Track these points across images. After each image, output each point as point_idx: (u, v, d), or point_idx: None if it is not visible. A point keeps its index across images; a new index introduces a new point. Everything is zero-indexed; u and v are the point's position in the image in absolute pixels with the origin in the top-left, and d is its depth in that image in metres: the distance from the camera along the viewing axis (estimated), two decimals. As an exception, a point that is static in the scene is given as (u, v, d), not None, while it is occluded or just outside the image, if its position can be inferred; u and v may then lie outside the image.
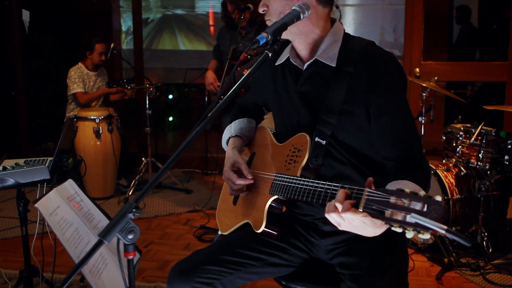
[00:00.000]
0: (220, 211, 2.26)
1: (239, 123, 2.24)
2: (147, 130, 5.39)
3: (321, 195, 1.62)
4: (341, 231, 1.87)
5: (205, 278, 1.90)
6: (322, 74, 1.86)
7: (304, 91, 1.91)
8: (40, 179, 2.54)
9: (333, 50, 1.85)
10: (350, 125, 1.82)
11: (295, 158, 1.86)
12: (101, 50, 5.54)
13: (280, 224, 1.93)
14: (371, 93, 1.76)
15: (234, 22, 4.38)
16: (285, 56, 1.98)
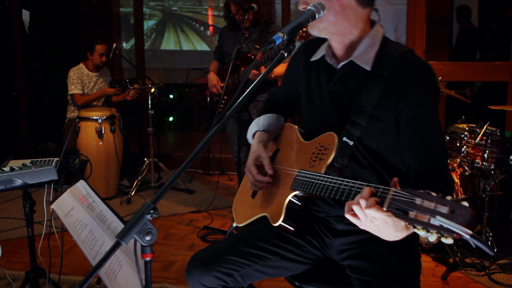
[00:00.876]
0: (237, 202, 2.26)
1: (268, 118, 2.21)
2: (149, 130, 5.37)
3: (345, 192, 1.61)
4: (354, 231, 1.88)
5: (226, 269, 1.90)
6: (356, 76, 1.85)
7: (335, 90, 1.90)
8: (48, 179, 2.52)
9: (369, 54, 1.83)
10: (378, 131, 1.81)
11: (321, 155, 1.86)
12: (101, 51, 5.52)
13: (297, 221, 1.92)
14: (403, 102, 1.75)
15: (237, 23, 4.36)
16: (321, 54, 1.97)
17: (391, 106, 1.77)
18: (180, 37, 9.38)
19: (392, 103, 1.76)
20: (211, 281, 1.91)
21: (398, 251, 1.86)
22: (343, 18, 1.80)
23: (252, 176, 2.02)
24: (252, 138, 2.21)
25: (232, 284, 1.92)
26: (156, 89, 5.29)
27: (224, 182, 5.87)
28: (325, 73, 1.95)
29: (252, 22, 4.29)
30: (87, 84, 5.55)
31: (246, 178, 2.27)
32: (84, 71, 5.56)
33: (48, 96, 7.29)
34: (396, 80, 1.76)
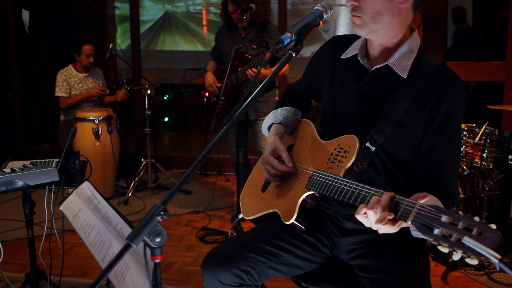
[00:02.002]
0: (246, 195, 2.23)
1: (285, 111, 2.19)
2: (146, 131, 5.36)
3: (366, 200, 1.60)
4: (362, 230, 1.88)
5: (244, 266, 1.89)
6: (389, 81, 1.84)
7: (364, 90, 1.89)
8: (49, 181, 2.51)
9: (407, 61, 1.83)
10: (402, 138, 1.81)
11: (340, 158, 1.84)
12: (88, 52, 5.50)
13: (309, 220, 1.91)
14: (434, 112, 1.76)
15: (234, 22, 4.35)
16: (353, 52, 1.95)
17: (422, 116, 1.77)
18: (175, 37, 9.36)
19: (424, 113, 1.77)
20: (229, 278, 1.89)
21: (407, 248, 1.86)
22: (397, 22, 1.78)
23: (272, 167, 1.98)
24: (267, 130, 2.19)
25: (248, 282, 1.91)
26: (153, 89, 5.27)
27: (221, 183, 5.86)
28: (355, 73, 1.94)
29: (249, 22, 4.27)
30: (74, 85, 5.53)
31: (256, 171, 2.25)
32: (72, 73, 5.55)
33: (43, 97, 7.25)
34: (430, 92, 1.77)
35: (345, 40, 2.04)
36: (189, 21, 9.34)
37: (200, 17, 9.39)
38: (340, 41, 2.07)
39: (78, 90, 5.54)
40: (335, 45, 2.06)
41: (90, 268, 3.74)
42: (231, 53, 4.24)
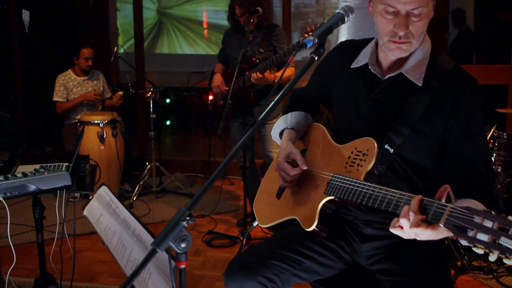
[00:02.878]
0: (260, 202, 2.21)
1: (295, 116, 2.17)
2: (151, 134, 5.34)
3: (392, 204, 1.59)
4: (382, 236, 1.87)
5: (269, 273, 1.88)
6: (403, 88, 1.82)
7: (378, 99, 1.87)
8: (61, 185, 2.49)
9: (420, 67, 1.81)
10: (417, 144, 1.80)
11: (359, 161, 1.83)
12: (87, 55, 5.51)
13: (329, 226, 1.90)
14: (453, 118, 1.75)
15: (241, 26, 4.34)
16: (363, 61, 1.93)
17: (438, 122, 1.76)
18: (176, 41, 9.36)
19: (440, 119, 1.76)
20: (254, 286, 1.88)
21: (428, 251, 1.85)
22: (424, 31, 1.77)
23: (286, 173, 1.97)
24: (279, 136, 2.18)
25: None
26: (158, 92, 5.26)
27: (226, 187, 5.84)
28: (367, 82, 1.91)
29: (256, 26, 4.27)
30: (73, 89, 5.53)
31: (269, 177, 2.23)
32: (71, 77, 5.55)
33: (45, 100, 7.23)
34: (447, 96, 1.75)
35: (354, 47, 2.01)
36: (190, 24, 9.34)
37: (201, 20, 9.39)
38: (349, 47, 2.05)
39: (77, 94, 5.54)
40: (344, 51, 2.05)
41: (98, 272, 3.73)
42: (237, 56, 4.23)
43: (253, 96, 4.29)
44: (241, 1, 4.17)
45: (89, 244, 4.21)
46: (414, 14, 1.69)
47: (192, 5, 9.28)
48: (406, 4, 1.67)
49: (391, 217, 1.75)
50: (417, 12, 1.68)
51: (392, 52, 1.78)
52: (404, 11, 1.68)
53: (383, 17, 1.72)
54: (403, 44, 1.74)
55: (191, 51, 9.34)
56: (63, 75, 5.56)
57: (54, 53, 7.61)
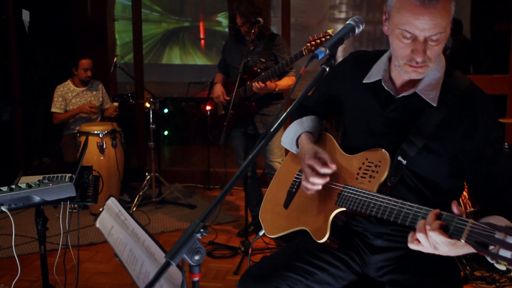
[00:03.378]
0: (266, 211, 2.19)
1: (312, 121, 2.14)
2: (150, 145, 5.33)
3: (409, 217, 1.58)
4: (392, 247, 1.86)
5: (283, 285, 1.86)
6: (417, 106, 1.80)
7: (391, 117, 1.85)
8: (66, 196, 2.47)
9: (436, 86, 1.78)
10: (429, 161, 1.78)
11: (371, 173, 1.81)
12: (85, 66, 5.51)
13: (340, 237, 1.89)
14: (470, 139, 1.73)
15: (242, 35, 4.36)
16: (376, 77, 1.89)
17: (453, 141, 1.75)
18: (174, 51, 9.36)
19: (456, 138, 1.74)
20: None
21: (438, 262, 1.84)
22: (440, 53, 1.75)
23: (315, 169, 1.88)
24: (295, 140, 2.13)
25: None
26: (157, 103, 5.25)
27: (226, 197, 5.81)
28: (379, 99, 1.89)
29: (257, 35, 4.28)
30: (72, 100, 5.52)
31: (274, 186, 2.21)
32: (70, 88, 5.55)
33: (43, 111, 7.21)
34: (462, 116, 1.74)
35: (367, 60, 1.98)
36: (187, 34, 9.35)
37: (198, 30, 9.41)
38: (361, 59, 2.02)
39: (76, 104, 5.53)
40: (356, 63, 2.02)
41: (99, 284, 3.70)
42: (238, 66, 4.24)
43: (255, 105, 4.29)
44: (242, 11, 4.18)
45: (89, 255, 4.19)
46: (432, 39, 1.65)
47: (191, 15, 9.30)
48: (425, 31, 1.63)
49: (402, 229, 1.75)
50: (435, 38, 1.65)
51: (408, 74, 1.75)
52: (422, 38, 1.65)
53: (400, 41, 1.69)
54: (420, 68, 1.71)
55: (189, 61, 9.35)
56: (62, 86, 5.56)
57: (52, 64, 7.60)
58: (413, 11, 1.61)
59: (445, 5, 1.62)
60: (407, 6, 1.63)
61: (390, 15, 1.71)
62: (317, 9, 8.40)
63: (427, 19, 1.61)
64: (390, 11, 1.71)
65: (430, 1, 1.59)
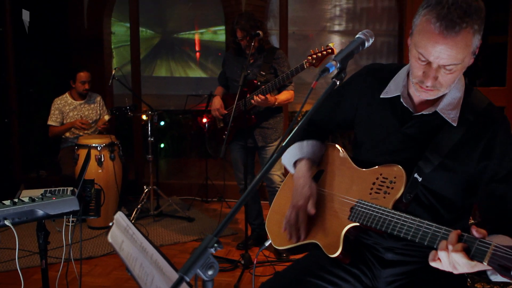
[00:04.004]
0: (274, 223, 2.16)
1: (312, 146, 2.11)
2: (148, 158, 5.31)
3: (427, 236, 1.57)
4: (403, 261, 1.85)
5: None
6: (436, 124, 1.79)
7: (409, 133, 1.84)
8: (70, 210, 2.45)
9: (456, 106, 1.77)
10: (445, 178, 1.78)
11: (386, 189, 1.80)
12: (83, 79, 5.49)
13: (352, 252, 1.88)
14: (486, 159, 1.72)
15: (242, 49, 4.37)
16: (394, 93, 1.88)
17: (471, 160, 1.74)
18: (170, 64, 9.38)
19: (474, 157, 1.74)
20: None
21: (448, 277, 1.82)
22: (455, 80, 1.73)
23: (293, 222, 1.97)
24: (293, 164, 2.13)
25: None
26: (156, 115, 5.25)
27: (224, 210, 5.79)
28: (397, 114, 1.88)
29: (257, 49, 4.29)
30: (69, 113, 5.50)
31: (281, 197, 2.19)
32: (67, 100, 5.54)
33: (39, 123, 7.19)
34: (481, 135, 1.73)
35: (383, 73, 1.97)
36: (182, 47, 9.38)
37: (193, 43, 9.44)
38: (377, 73, 2.00)
39: (73, 118, 5.52)
40: (372, 77, 2.00)
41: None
42: (238, 79, 4.25)
43: (254, 118, 4.29)
44: (242, 25, 4.19)
45: (88, 269, 4.15)
46: (446, 68, 1.64)
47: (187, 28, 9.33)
48: (439, 59, 1.62)
49: (413, 243, 1.74)
50: (449, 68, 1.64)
51: (418, 93, 1.75)
52: (436, 65, 1.64)
53: (416, 61, 1.68)
54: (430, 91, 1.71)
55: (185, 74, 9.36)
56: (60, 99, 5.54)
57: (49, 76, 7.59)
58: (431, 37, 1.60)
59: (465, 38, 1.59)
60: (427, 31, 1.61)
61: (413, 32, 1.70)
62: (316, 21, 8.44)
63: (443, 48, 1.59)
64: (414, 29, 1.69)
65: (449, 32, 1.57)
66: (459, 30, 1.56)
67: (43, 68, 7.43)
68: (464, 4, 1.58)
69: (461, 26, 1.56)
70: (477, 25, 1.60)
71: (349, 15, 8.35)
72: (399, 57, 7.72)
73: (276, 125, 4.41)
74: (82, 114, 5.54)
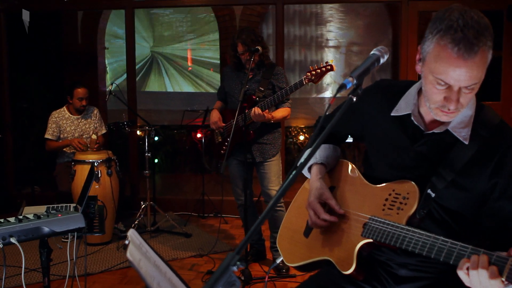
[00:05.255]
0: (285, 239, 2.16)
1: (325, 150, 2.13)
2: (146, 173, 5.29)
3: (443, 252, 1.57)
4: (417, 277, 1.84)
5: None
6: (447, 142, 1.79)
7: (421, 151, 1.84)
8: (76, 227, 2.43)
9: (467, 124, 1.77)
10: (458, 196, 1.77)
11: (399, 205, 1.80)
12: (80, 95, 5.47)
13: (365, 268, 1.87)
14: (497, 176, 1.72)
15: (241, 64, 4.37)
16: (405, 111, 1.88)
17: (482, 177, 1.74)
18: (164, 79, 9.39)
19: (485, 174, 1.73)
20: None
21: None
22: None
23: (316, 214, 1.94)
24: (308, 170, 2.13)
25: None
26: (153, 131, 5.23)
27: (223, 227, 5.76)
28: (408, 133, 1.88)
29: (257, 64, 4.30)
30: (66, 128, 5.48)
31: (292, 213, 2.19)
32: (65, 115, 5.52)
33: (33, 139, 7.15)
34: (492, 153, 1.73)
35: (393, 91, 1.96)
36: (175, 62, 9.40)
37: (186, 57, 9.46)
38: (387, 90, 2.00)
39: (70, 133, 5.49)
40: (382, 94, 2.00)
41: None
42: (236, 94, 4.28)
43: (253, 134, 4.28)
44: (243, 39, 4.20)
45: (87, 287, 4.10)
46: (467, 88, 1.64)
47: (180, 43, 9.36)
48: (460, 81, 1.61)
49: (427, 259, 1.73)
50: (470, 88, 1.64)
51: (439, 117, 1.74)
52: (457, 88, 1.63)
53: (434, 87, 1.67)
54: (451, 113, 1.70)
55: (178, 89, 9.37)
56: (57, 112, 5.51)
57: (42, 91, 7.57)
58: (451, 62, 1.59)
59: (483, 56, 1.60)
60: (444, 57, 1.60)
61: (425, 59, 1.69)
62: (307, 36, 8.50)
63: (464, 71, 1.59)
64: (426, 56, 1.68)
65: (469, 54, 1.57)
66: (478, 50, 1.57)
67: (36, 83, 7.41)
68: (475, 24, 1.58)
69: (479, 46, 1.57)
70: (490, 41, 1.62)
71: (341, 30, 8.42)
72: (392, 73, 7.78)
73: (274, 141, 4.41)
74: (79, 129, 5.51)
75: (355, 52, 8.52)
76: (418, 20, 5.78)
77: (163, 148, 8.59)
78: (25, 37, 6.39)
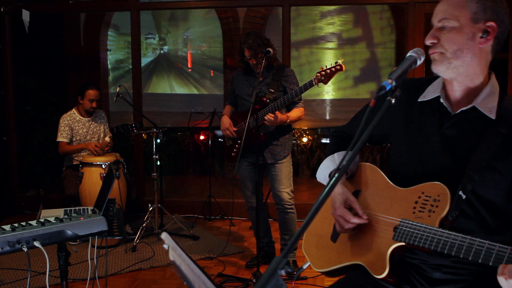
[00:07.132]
0: (311, 245, 2.14)
1: (343, 155, 2.11)
2: (153, 176, 5.27)
3: (481, 254, 1.55)
4: (452, 280, 1.82)
5: None
6: (475, 123, 1.81)
7: (449, 134, 1.85)
8: (98, 230, 2.41)
9: (491, 102, 1.81)
10: (493, 182, 1.77)
11: (430, 207, 1.78)
12: (92, 97, 5.44)
13: (398, 272, 1.85)
14: None
15: (250, 67, 4.37)
16: (432, 95, 1.93)
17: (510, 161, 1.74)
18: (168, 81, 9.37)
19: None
20: None
21: None
22: (477, 61, 1.78)
23: (345, 220, 1.93)
24: (327, 176, 2.13)
25: None
26: (160, 133, 5.22)
27: (226, 227, 5.75)
28: (435, 116, 1.90)
29: (266, 66, 4.29)
30: (78, 130, 5.45)
31: (315, 219, 2.17)
32: (76, 117, 5.48)
33: (37, 141, 7.12)
34: None
35: (418, 83, 2.01)
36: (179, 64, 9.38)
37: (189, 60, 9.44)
38: (412, 84, 2.03)
39: (82, 135, 5.46)
40: (406, 89, 2.02)
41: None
42: (247, 97, 4.27)
43: (263, 135, 4.28)
44: (249, 44, 4.20)
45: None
46: (443, 25, 1.79)
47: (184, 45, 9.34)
48: (436, 16, 1.82)
49: (462, 260, 1.72)
50: (441, 24, 1.79)
51: (432, 65, 1.84)
52: (435, 24, 1.82)
53: None
54: (435, 54, 1.81)
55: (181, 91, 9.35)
56: (68, 115, 5.48)
57: (44, 93, 7.53)
58: None
59: None
60: None
61: None
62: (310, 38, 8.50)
63: (440, 5, 1.82)
64: None
65: None
66: None
67: (39, 85, 7.38)
68: None
69: None
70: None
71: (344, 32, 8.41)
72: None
73: (286, 143, 4.40)
74: (90, 132, 5.49)
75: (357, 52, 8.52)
76: (425, 22, 5.79)
77: (165, 150, 8.57)
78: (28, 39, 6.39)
